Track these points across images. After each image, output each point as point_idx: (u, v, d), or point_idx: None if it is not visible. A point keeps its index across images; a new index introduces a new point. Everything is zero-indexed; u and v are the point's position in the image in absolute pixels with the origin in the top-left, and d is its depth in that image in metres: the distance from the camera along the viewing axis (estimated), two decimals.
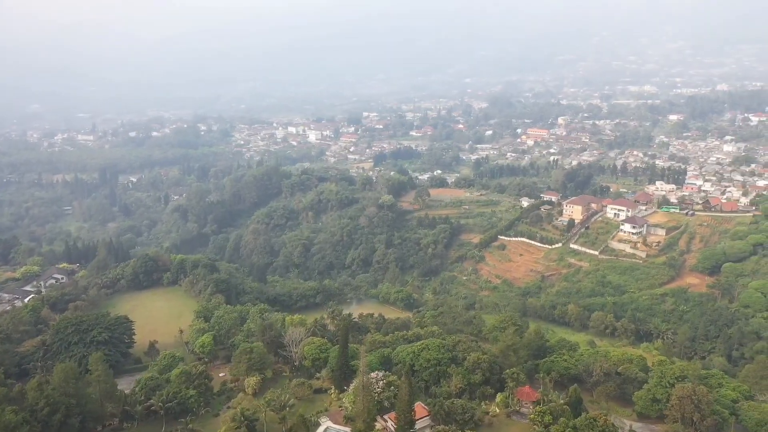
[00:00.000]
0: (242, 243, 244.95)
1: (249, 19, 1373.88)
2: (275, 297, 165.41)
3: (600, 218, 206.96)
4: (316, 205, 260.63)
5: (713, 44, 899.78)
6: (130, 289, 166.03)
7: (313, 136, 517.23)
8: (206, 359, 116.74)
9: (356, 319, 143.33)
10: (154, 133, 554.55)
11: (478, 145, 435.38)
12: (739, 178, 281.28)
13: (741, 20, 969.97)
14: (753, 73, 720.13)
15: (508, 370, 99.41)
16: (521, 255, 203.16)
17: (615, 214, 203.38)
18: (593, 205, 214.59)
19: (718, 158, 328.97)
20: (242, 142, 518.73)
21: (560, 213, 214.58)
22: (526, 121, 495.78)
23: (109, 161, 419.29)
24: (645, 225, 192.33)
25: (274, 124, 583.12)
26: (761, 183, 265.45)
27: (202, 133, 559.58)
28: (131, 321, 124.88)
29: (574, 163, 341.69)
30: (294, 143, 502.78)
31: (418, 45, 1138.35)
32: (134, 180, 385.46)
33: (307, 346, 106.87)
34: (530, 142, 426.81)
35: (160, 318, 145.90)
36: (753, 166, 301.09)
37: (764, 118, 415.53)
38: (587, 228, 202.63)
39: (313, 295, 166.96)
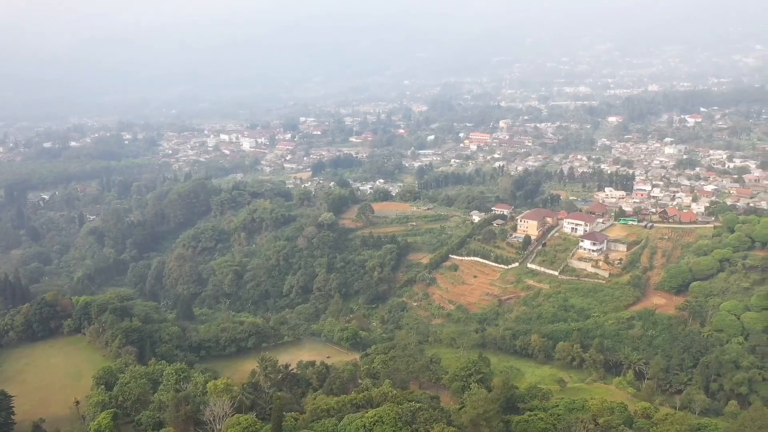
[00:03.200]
0: (166, 271, 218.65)
1: (180, 19, 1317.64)
2: (200, 343, 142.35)
3: (557, 233, 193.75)
4: (249, 224, 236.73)
5: (640, 45, 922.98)
6: (22, 342, 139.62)
7: (247, 144, 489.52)
8: None
9: (294, 370, 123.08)
10: (73, 143, 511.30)
11: (420, 151, 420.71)
12: (686, 182, 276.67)
13: (664, 22, 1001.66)
14: (679, 73, 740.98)
15: None
16: (475, 276, 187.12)
17: (572, 228, 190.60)
18: (548, 219, 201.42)
19: (661, 161, 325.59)
20: (170, 152, 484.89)
21: (514, 228, 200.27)
22: (467, 124, 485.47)
23: (18, 177, 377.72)
24: (605, 241, 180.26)
25: (206, 132, 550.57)
26: (709, 188, 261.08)
27: (127, 142, 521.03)
28: (9, 396, 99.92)
29: (520, 168, 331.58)
30: (227, 152, 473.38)
31: (355, 47, 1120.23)
32: (46, 198, 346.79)
33: (231, 429, 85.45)
34: (473, 147, 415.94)
35: (55, 381, 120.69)
36: (698, 169, 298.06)
37: (700, 119, 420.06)
38: (544, 245, 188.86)
39: (244, 338, 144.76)
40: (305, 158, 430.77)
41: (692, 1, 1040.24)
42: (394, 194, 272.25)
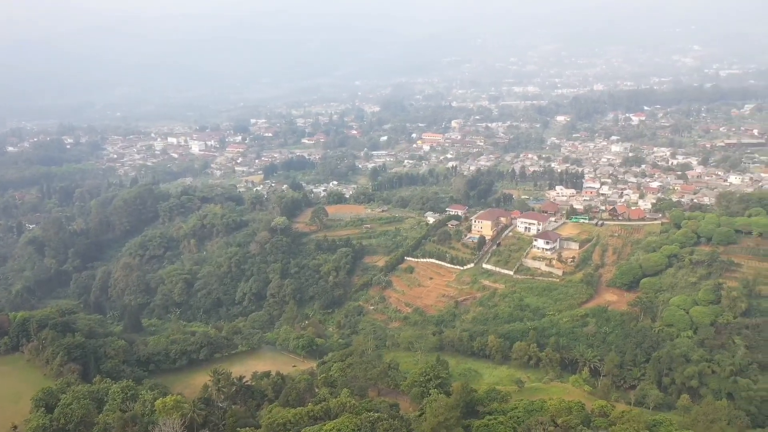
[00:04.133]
0: (111, 281, 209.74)
1: (124, 19, 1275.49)
2: (148, 357, 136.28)
3: (511, 233, 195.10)
4: (199, 230, 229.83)
5: (584, 46, 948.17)
6: None
7: (196, 147, 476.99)
8: None
9: (249, 382, 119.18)
10: (10, 149, 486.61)
11: (373, 152, 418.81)
12: (633, 179, 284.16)
13: (606, 23, 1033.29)
14: (622, 73, 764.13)
15: None
16: (431, 278, 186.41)
17: (526, 228, 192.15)
18: (502, 219, 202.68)
19: (608, 159, 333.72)
20: (115, 156, 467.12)
21: (469, 229, 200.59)
22: (420, 125, 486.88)
23: None
24: (558, 240, 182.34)
25: (153, 135, 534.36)
26: (654, 185, 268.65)
27: (69, 146, 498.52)
28: None
29: (473, 168, 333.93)
30: (175, 156, 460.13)
31: (305, 47, 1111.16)
32: None
33: None
34: (426, 147, 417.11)
35: None
36: (643, 166, 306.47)
37: (644, 118, 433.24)
38: (499, 245, 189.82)
39: (195, 350, 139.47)
40: (257, 161, 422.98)
41: (632, 3, 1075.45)
42: (348, 196, 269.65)
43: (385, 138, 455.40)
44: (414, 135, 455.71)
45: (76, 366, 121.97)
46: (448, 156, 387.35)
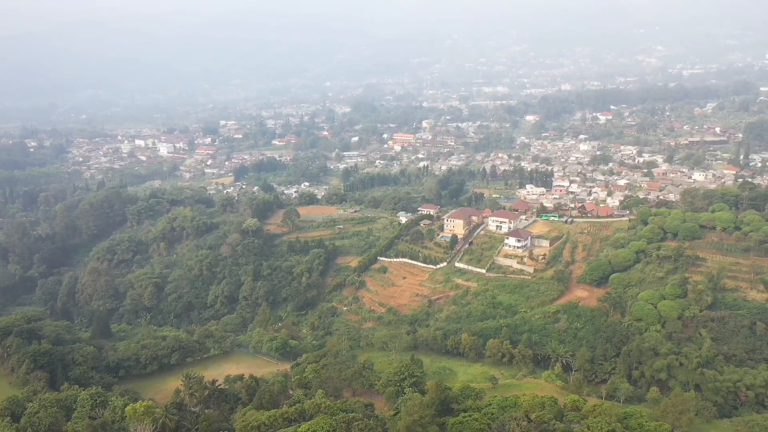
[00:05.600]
0: (79, 286, 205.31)
1: (88, 20, 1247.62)
2: (118, 363, 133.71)
3: (482, 232, 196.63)
4: (169, 234, 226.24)
5: (552, 46, 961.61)
6: None
7: (164, 150, 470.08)
8: None
9: (222, 386, 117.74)
10: None
11: (345, 153, 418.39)
12: (601, 177, 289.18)
13: (573, 24, 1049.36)
14: (589, 73, 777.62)
15: None
16: (404, 278, 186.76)
17: (497, 226, 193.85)
18: (474, 218, 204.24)
19: (577, 158, 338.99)
20: (81, 160, 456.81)
21: (441, 228, 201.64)
22: (391, 125, 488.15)
23: None
24: (529, 237, 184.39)
25: (119, 137, 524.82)
26: (622, 182, 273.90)
27: (32, 150, 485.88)
28: None
29: (444, 168, 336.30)
30: (143, 158, 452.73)
31: (274, 48, 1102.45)
32: None
33: None
34: (398, 148, 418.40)
35: None
36: (611, 165, 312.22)
37: (610, 117, 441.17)
38: (471, 244, 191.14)
39: (167, 354, 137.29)
40: (227, 163, 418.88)
41: (597, 4, 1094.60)
42: (320, 197, 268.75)
43: (356, 139, 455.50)
44: (385, 135, 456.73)
45: (42, 374, 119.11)
46: (420, 156, 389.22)
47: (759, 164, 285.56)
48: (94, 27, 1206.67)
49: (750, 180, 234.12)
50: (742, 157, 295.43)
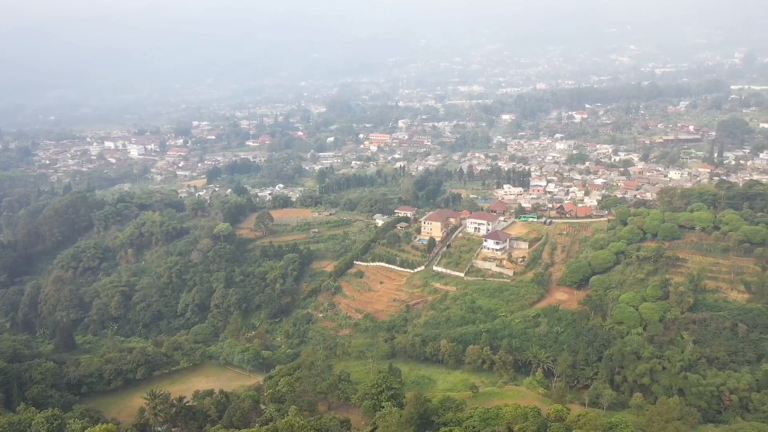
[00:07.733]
0: (42, 296, 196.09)
1: (56, 17, 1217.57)
2: (80, 379, 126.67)
3: (460, 234, 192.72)
4: (137, 239, 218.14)
5: (526, 46, 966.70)
6: None
7: (135, 152, 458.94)
8: None
9: (189, 402, 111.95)
10: None
11: (320, 154, 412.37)
12: (578, 176, 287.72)
13: (546, 23, 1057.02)
14: (563, 71, 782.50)
15: None
16: (381, 282, 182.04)
17: (475, 228, 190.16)
18: (452, 220, 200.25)
19: (554, 157, 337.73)
20: (48, 162, 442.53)
21: (418, 231, 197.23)
22: (366, 125, 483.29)
23: None
24: (508, 239, 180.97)
25: (88, 139, 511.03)
26: (599, 181, 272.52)
27: None
28: None
29: (421, 168, 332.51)
30: (112, 160, 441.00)
31: (248, 48, 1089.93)
32: None
33: None
34: (374, 148, 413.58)
35: None
36: (587, 163, 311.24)
37: (585, 116, 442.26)
38: (449, 246, 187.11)
39: (132, 369, 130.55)
40: (200, 164, 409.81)
41: (570, 4, 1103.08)
42: (294, 200, 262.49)
43: (331, 139, 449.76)
44: (361, 135, 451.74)
45: None
46: (396, 156, 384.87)
47: (733, 162, 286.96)
48: (63, 25, 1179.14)
49: (725, 178, 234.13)
50: (716, 155, 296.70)
